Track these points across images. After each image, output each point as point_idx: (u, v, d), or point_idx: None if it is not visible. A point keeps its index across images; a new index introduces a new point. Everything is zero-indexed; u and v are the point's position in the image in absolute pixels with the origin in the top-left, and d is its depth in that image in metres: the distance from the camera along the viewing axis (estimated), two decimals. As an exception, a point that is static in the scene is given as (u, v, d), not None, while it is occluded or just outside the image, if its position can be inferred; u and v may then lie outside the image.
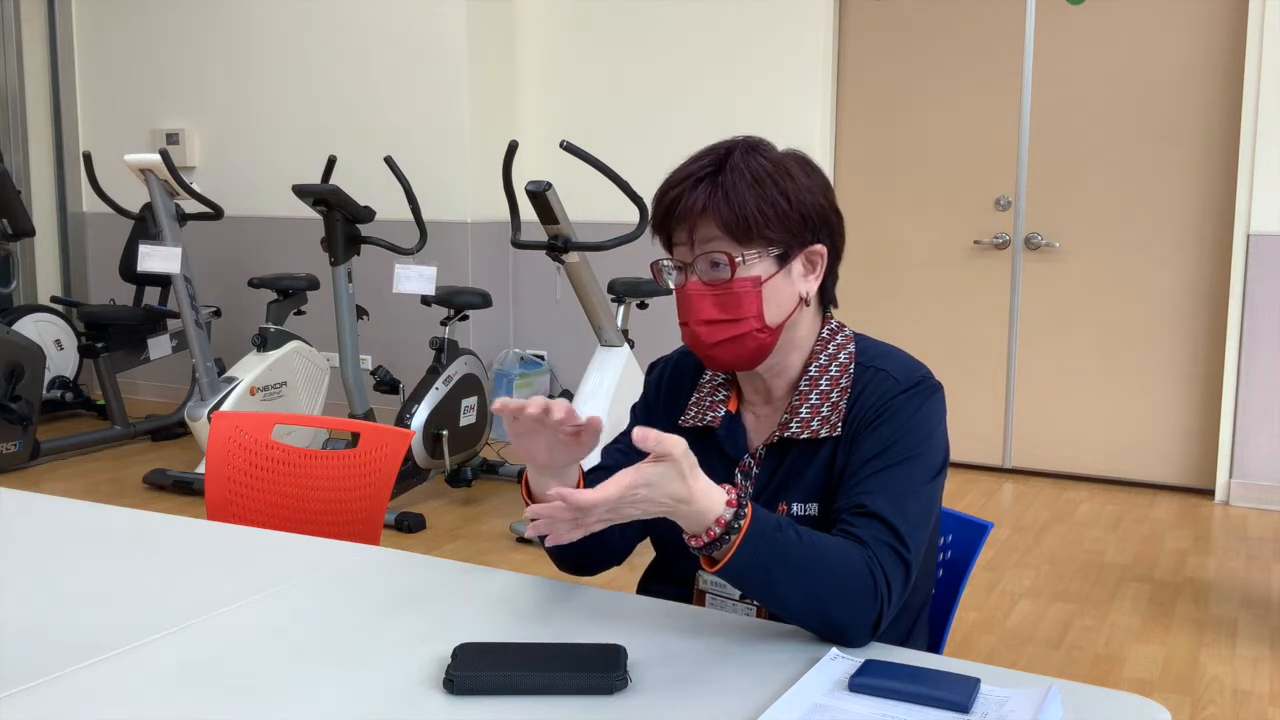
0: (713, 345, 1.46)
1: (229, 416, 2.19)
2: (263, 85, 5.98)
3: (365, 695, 1.18)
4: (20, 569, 1.58)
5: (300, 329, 5.38)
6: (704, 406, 1.57)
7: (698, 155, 1.47)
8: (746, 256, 1.42)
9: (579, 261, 4.10)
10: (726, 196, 1.41)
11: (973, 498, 4.72)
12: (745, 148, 1.45)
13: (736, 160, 1.43)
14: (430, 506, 4.48)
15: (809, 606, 1.29)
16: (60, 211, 6.70)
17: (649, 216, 1.52)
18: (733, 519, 1.26)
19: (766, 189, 1.42)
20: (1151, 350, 4.81)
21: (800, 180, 1.45)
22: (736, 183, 1.41)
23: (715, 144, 1.48)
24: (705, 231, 1.43)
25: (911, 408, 1.44)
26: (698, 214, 1.42)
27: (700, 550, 1.28)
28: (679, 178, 1.45)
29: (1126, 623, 3.37)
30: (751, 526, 1.27)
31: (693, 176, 1.44)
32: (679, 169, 1.47)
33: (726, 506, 1.27)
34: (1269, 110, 4.41)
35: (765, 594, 1.29)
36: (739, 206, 1.41)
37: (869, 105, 5.21)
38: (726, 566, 1.27)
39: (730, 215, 1.41)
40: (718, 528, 1.26)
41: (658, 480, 1.23)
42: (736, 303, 1.43)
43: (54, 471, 5.02)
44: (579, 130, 5.43)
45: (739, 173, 1.42)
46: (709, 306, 1.44)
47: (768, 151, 1.46)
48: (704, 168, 1.44)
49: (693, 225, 1.43)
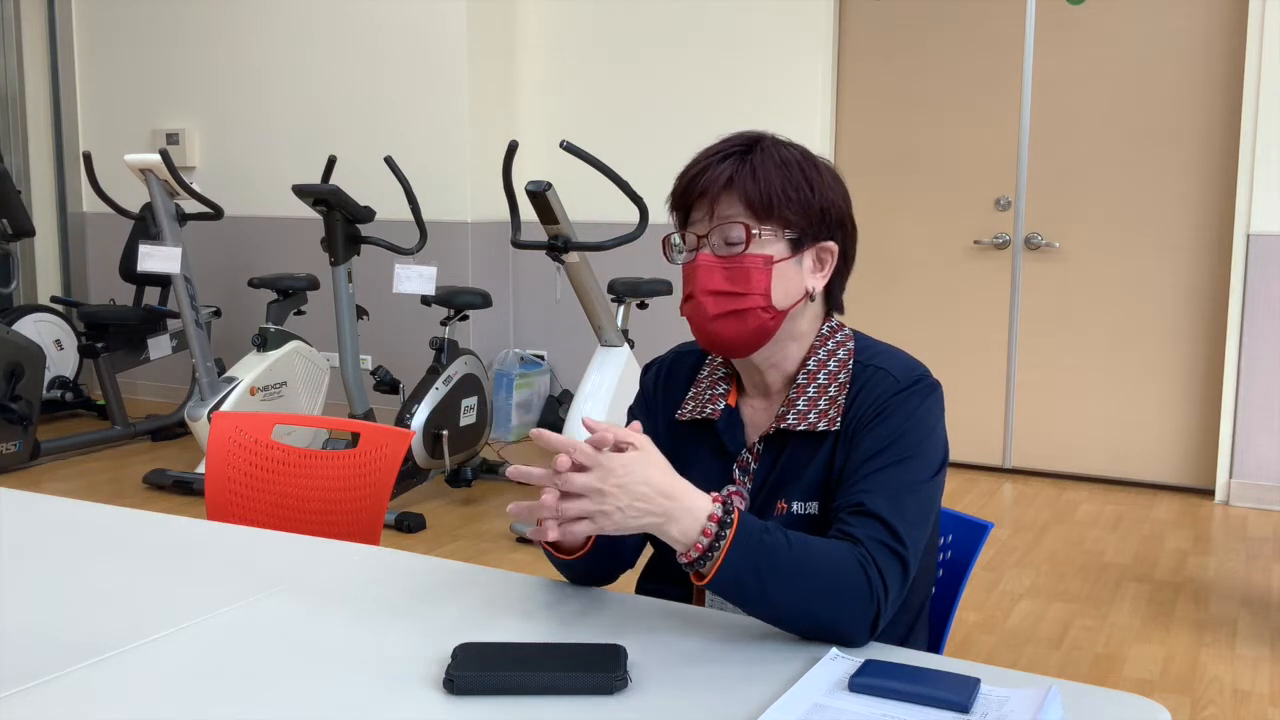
0: (716, 316, 1.46)
1: (229, 416, 2.19)
2: (263, 85, 5.98)
3: (365, 695, 1.18)
4: (20, 569, 1.58)
5: (300, 329, 5.38)
6: (703, 400, 1.57)
7: (727, 138, 1.50)
8: (763, 232, 1.44)
9: (579, 261, 4.10)
10: (754, 172, 1.44)
11: (973, 498, 4.72)
12: (775, 138, 1.50)
13: (768, 144, 1.47)
14: (430, 506, 4.48)
15: (804, 611, 1.28)
16: (60, 211, 6.70)
17: (669, 194, 1.53)
18: (721, 521, 1.27)
19: (793, 173, 1.45)
20: (1151, 350, 4.81)
21: (826, 176, 1.49)
22: (765, 162, 1.45)
23: (746, 130, 1.52)
24: (726, 206, 1.45)
25: (910, 406, 1.44)
26: (721, 187, 1.45)
27: (691, 565, 1.28)
28: (707, 154, 1.48)
29: (1126, 623, 3.37)
30: (740, 529, 1.27)
31: (722, 153, 1.47)
32: (707, 148, 1.50)
33: (713, 503, 1.28)
34: (1269, 110, 4.41)
35: (759, 602, 1.29)
36: (765, 182, 1.43)
37: (869, 105, 5.21)
38: (718, 575, 1.27)
39: (755, 190, 1.43)
40: (704, 538, 1.26)
41: (633, 463, 1.26)
42: (746, 277, 1.44)
43: (54, 471, 5.02)
44: (579, 130, 5.43)
45: (769, 154, 1.46)
46: (718, 278, 1.45)
47: (798, 147, 1.50)
48: (734, 147, 1.47)
49: (715, 199, 1.46)
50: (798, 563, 1.28)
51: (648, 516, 1.27)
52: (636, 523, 1.27)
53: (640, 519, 1.27)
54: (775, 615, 1.30)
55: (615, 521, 1.27)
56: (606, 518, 1.26)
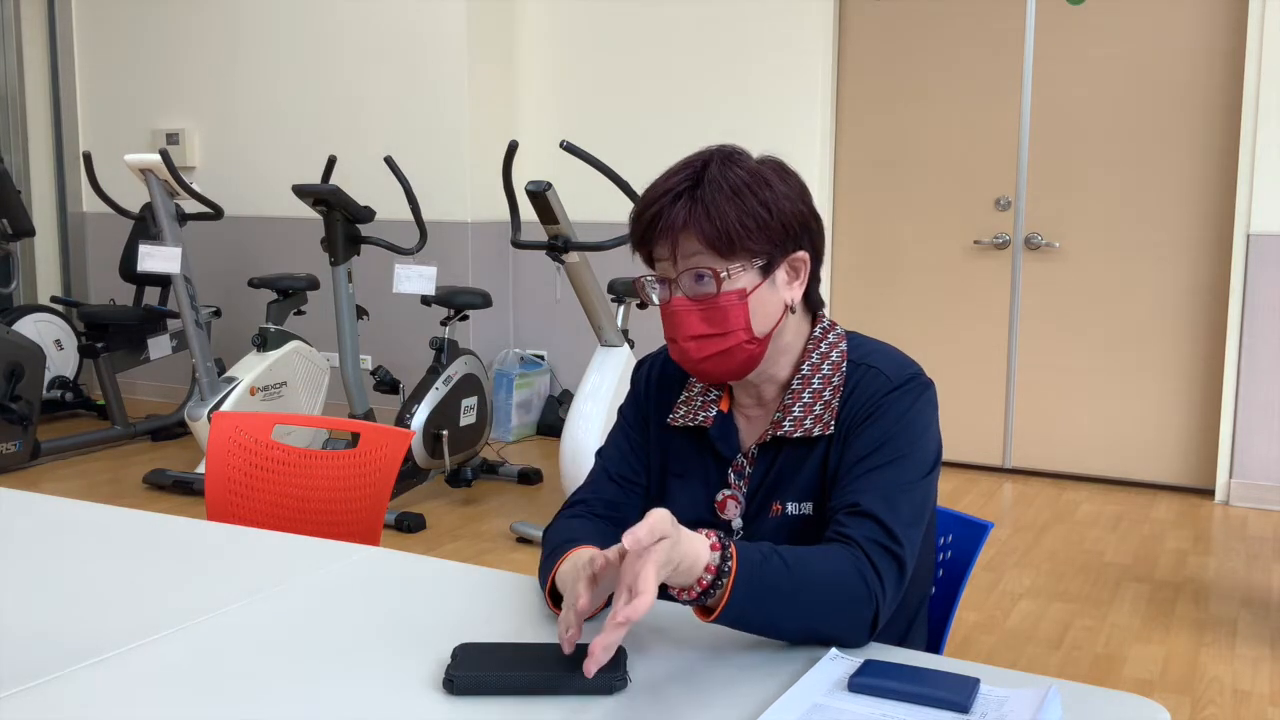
0: (701, 360, 1.46)
1: (229, 416, 2.19)
2: (263, 85, 5.98)
3: (365, 695, 1.18)
4: (20, 569, 1.58)
5: (300, 329, 5.38)
6: (695, 406, 1.57)
7: (673, 170, 1.45)
8: (731, 270, 1.42)
9: (579, 261, 4.10)
10: (707, 211, 1.40)
11: (973, 498, 4.72)
12: (721, 159, 1.44)
13: (714, 173, 1.42)
14: (430, 506, 4.48)
15: (808, 626, 1.28)
16: (60, 211, 6.70)
17: (629, 235, 1.50)
18: (720, 562, 1.23)
19: (746, 200, 1.41)
20: (1151, 350, 4.81)
21: (778, 188, 1.44)
22: (716, 196, 1.40)
23: (690, 157, 1.46)
24: (688, 247, 1.42)
25: (903, 405, 1.44)
26: (679, 230, 1.41)
27: (693, 601, 1.24)
28: (656, 194, 1.44)
29: (1126, 623, 3.37)
30: (740, 566, 1.23)
31: (671, 192, 1.42)
32: (655, 185, 1.45)
33: (711, 551, 1.23)
34: (1269, 110, 4.41)
35: (764, 628, 1.28)
36: (720, 220, 1.39)
37: (869, 105, 5.21)
38: (725, 610, 1.23)
39: (712, 230, 1.40)
40: (708, 574, 1.22)
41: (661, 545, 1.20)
42: (723, 316, 1.43)
43: (54, 471, 5.02)
44: (579, 130, 5.43)
45: (717, 185, 1.41)
46: (696, 321, 1.44)
47: (743, 161, 1.45)
48: (681, 182, 1.42)
49: (675, 241, 1.42)
50: (798, 584, 1.27)
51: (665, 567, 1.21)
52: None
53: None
54: (779, 634, 1.29)
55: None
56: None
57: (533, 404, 5.75)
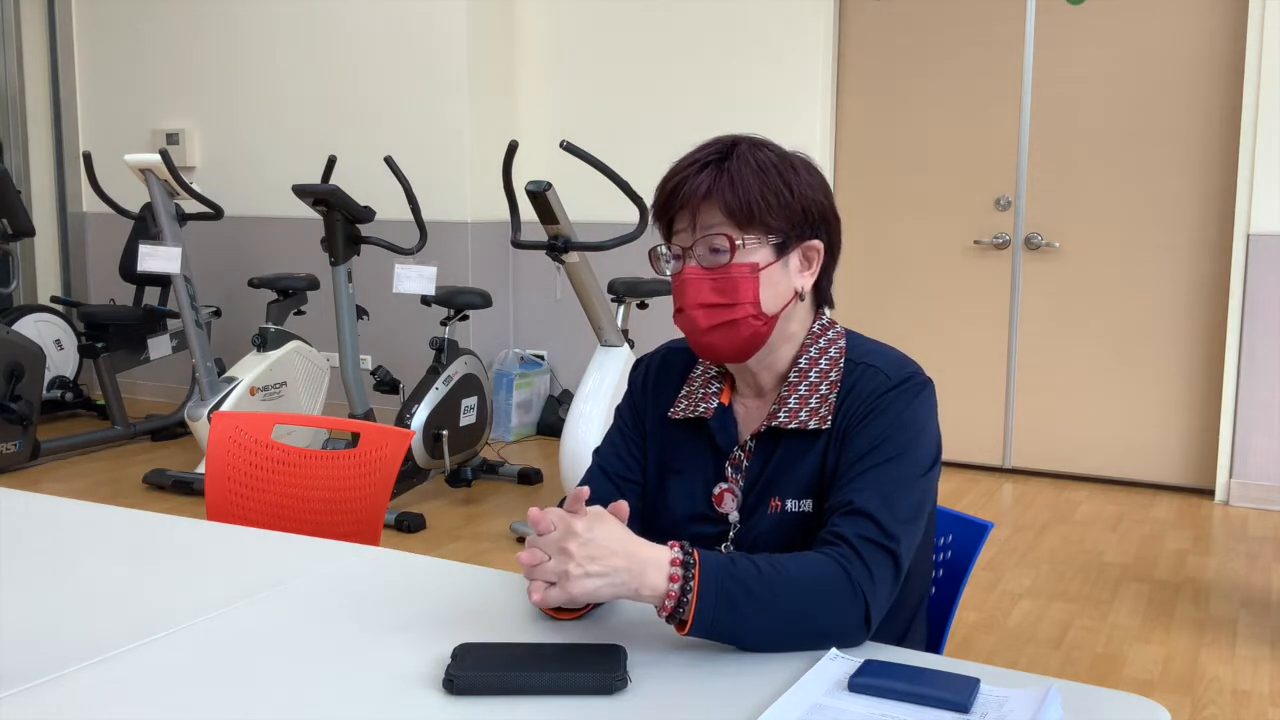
0: (709, 329, 1.47)
1: (229, 416, 2.19)
2: (263, 85, 5.98)
3: (365, 695, 1.18)
4: (20, 569, 1.58)
5: (300, 329, 5.38)
6: (696, 399, 1.57)
7: (704, 145, 1.50)
8: (746, 241, 1.44)
9: (579, 261, 4.10)
10: (731, 181, 1.44)
11: (973, 498, 4.72)
12: (751, 142, 1.49)
13: (743, 150, 1.47)
14: (430, 506, 4.48)
15: (793, 628, 1.27)
16: (60, 211, 6.70)
17: (650, 206, 1.53)
18: (684, 563, 1.26)
19: (770, 178, 1.45)
20: (1151, 350, 4.81)
21: (804, 176, 1.48)
22: (742, 169, 1.44)
23: (721, 136, 1.51)
24: (707, 216, 1.45)
25: (901, 404, 1.45)
26: (701, 198, 1.44)
27: (672, 616, 1.26)
28: (683, 165, 1.48)
29: (1126, 623, 3.37)
30: (704, 564, 1.26)
31: (698, 163, 1.47)
32: (684, 157, 1.49)
33: (672, 549, 1.27)
34: (1269, 110, 4.41)
35: (747, 632, 1.27)
36: (743, 191, 1.43)
37: (869, 105, 5.21)
38: (697, 616, 1.25)
39: (734, 199, 1.43)
40: (673, 584, 1.25)
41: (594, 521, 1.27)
42: (734, 287, 1.45)
43: (54, 471, 5.02)
44: (579, 130, 5.43)
45: (745, 160, 1.45)
46: (706, 290, 1.46)
47: (773, 147, 1.50)
48: (709, 155, 1.47)
49: (695, 210, 1.45)
50: (773, 583, 1.27)
51: (616, 575, 1.25)
52: (607, 584, 1.25)
53: (609, 577, 1.25)
54: (769, 641, 1.28)
55: (584, 587, 1.24)
56: (572, 580, 1.24)
57: (533, 404, 5.75)
